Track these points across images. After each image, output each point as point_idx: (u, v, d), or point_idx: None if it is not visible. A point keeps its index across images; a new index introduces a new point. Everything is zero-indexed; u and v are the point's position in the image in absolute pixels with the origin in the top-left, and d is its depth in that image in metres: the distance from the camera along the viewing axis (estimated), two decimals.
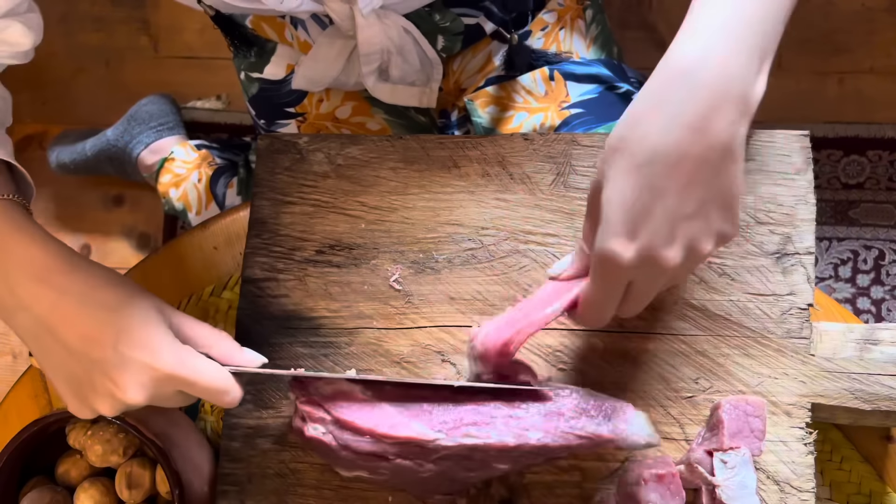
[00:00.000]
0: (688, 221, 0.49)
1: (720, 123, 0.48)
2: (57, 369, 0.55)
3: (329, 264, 0.68)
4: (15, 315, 0.55)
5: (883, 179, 1.37)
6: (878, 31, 1.43)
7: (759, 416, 0.60)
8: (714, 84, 0.49)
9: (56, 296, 0.54)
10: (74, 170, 1.47)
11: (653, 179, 0.49)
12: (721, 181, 0.49)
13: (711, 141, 0.48)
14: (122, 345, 0.53)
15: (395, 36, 0.77)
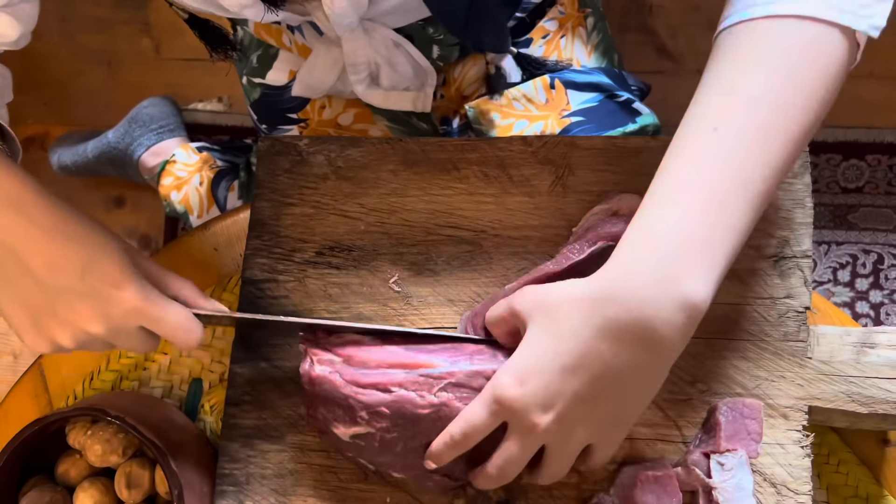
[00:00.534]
0: (574, 405, 0.51)
1: (635, 349, 0.49)
2: (18, 299, 0.55)
3: (328, 266, 0.69)
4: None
5: (882, 184, 1.37)
6: (879, 36, 1.43)
7: (755, 419, 0.60)
8: (645, 309, 0.48)
9: (26, 224, 0.54)
10: (76, 171, 1.47)
11: (567, 360, 0.50)
12: (619, 400, 0.51)
13: (623, 363, 0.49)
14: (88, 275, 0.54)
15: (383, 49, 0.77)
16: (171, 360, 0.76)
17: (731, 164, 0.48)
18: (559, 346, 0.50)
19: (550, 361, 0.50)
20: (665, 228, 0.49)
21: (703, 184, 0.48)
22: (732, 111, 0.49)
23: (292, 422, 0.66)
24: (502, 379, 0.52)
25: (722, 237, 0.48)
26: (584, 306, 0.50)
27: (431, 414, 0.58)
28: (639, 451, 0.63)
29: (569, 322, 0.50)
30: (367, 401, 0.59)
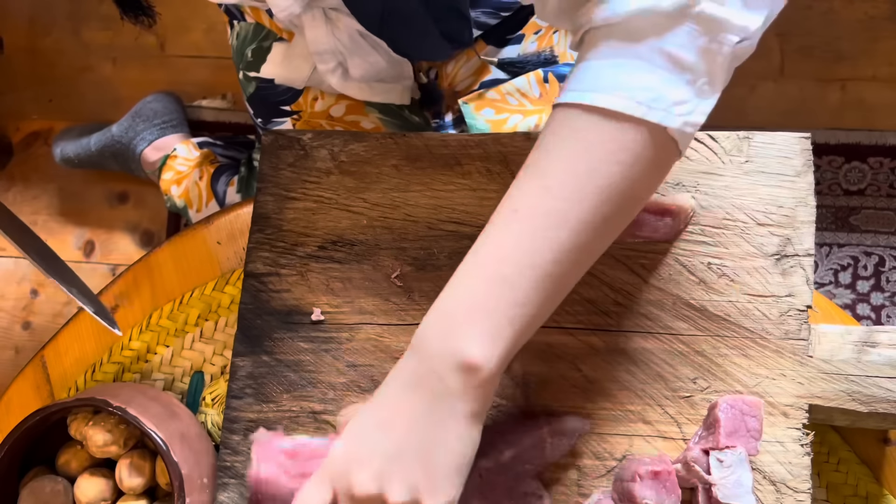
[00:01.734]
0: (389, 461, 0.50)
1: (433, 402, 0.51)
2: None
3: (331, 260, 0.69)
4: None
5: (884, 186, 1.37)
6: (881, 38, 1.43)
7: (755, 416, 0.60)
8: (434, 363, 0.51)
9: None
10: (78, 164, 1.47)
11: (380, 415, 0.52)
12: (428, 454, 0.51)
13: (426, 416, 0.51)
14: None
15: (346, 39, 0.77)
16: (173, 353, 0.76)
17: (521, 245, 0.50)
18: (375, 407, 0.53)
19: (367, 421, 0.52)
20: (459, 295, 0.52)
21: (494, 260, 0.51)
22: (531, 195, 0.50)
23: (293, 415, 0.66)
24: (331, 449, 0.53)
25: (506, 310, 0.50)
26: (395, 368, 0.53)
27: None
28: (638, 447, 0.63)
29: (384, 386, 0.53)
30: None
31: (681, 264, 0.66)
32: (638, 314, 0.65)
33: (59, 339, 0.78)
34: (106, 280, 1.43)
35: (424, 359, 0.51)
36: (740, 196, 0.66)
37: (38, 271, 0.58)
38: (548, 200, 0.49)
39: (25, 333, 1.51)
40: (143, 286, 0.78)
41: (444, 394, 0.50)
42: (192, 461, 0.65)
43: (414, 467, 0.50)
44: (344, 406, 0.66)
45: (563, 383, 0.65)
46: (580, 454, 0.63)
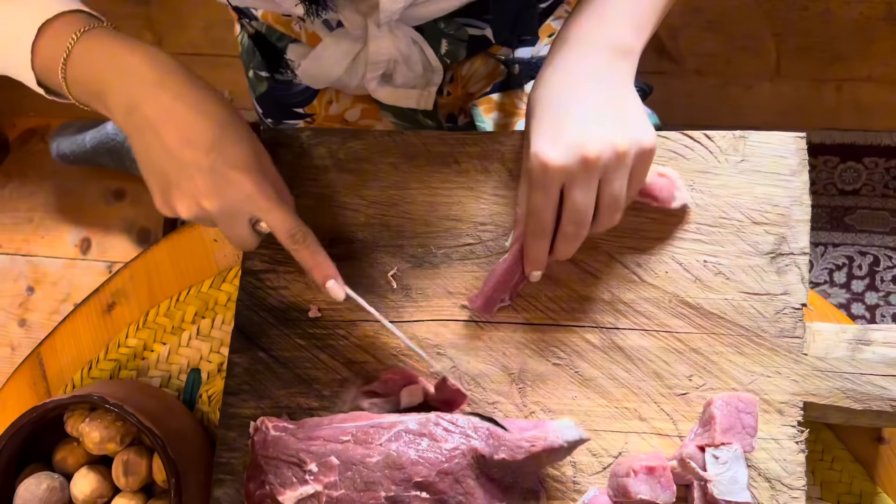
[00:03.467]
0: (597, 126, 0.59)
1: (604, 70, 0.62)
2: (152, 166, 0.59)
3: (329, 257, 0.69)
4: (129, 114, 0.58)
5: (879, 186, 1.37)
6: (877, 39, 1.44)
7: (750, 413, 0.60)
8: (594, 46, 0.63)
9: (168, 98, 0.58)
10: (74, 161, 1.47)
11: (562, 104, 0.61)
12: (617, 98, 0.61)
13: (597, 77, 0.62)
14: (213, 153, 0.57)
15: (404, 46, 0.78)
16: (170, 350, 0.76)
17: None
18: (556, 84, 0.62)
19: (560, 92, 0.62)
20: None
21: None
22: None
23: (290, 412, 0.66)
24: (541, 149, 0.59)
25: (645, 8, 0.64)
26: (548, 65, 0.64)
27: (380, 462, 0.58)
28: (634, 444, 0.63)
29: (549, 73, 0.63)
30: (318, 451, 0.59)
31: (677, 262, 0.66)
32: (634, 311, 0.65)
33: (56, 336, 0.78)
34: (102, 278, 1.42)
35: (584, 46, 0.62)
36: (736, 195, 0.67)
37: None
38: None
39: (21, 330, 1.50)
40: (139, 284, 0.78)
41: (613, 67, 0.61)
42: (188, 458, 0.65)
43: (619, 120, 0.59)
44: (344, 392, 0.66)
45: (559, 381, 0.65)
46: (576, 451, 0.63)
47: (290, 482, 0.59)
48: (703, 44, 1.46)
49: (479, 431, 0.60)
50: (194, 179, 0.58)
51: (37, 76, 0.61)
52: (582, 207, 0.60)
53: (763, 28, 1.45)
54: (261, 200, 0.59)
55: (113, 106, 0.59)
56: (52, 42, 0.60)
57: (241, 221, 0.60)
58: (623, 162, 0.59)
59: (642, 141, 0.59)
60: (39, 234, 1.54)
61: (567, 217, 0.60)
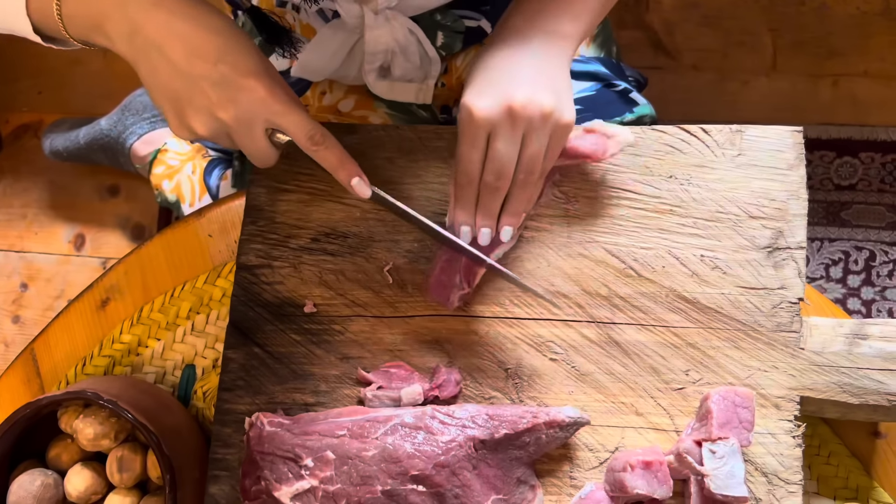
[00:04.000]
0: (526, 86, 0.61)
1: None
2: (162, 88, 0.59)
3: (324, 252, 0.69)
4: (132, 38, 0.58)
5: (875, 181, 1.37)
6: (873, 34, 1.44)
7: (747, 407, 0.60)
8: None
9: (167, 16, 0.57)
10: (67, 157, 1.46)
11: (496, 68, 0.63)
12: (549, 72, 0.63)
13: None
14: (221, 63, 0.57)
15: (401, 37, 0.78)
16: (165, 346, 0.76)
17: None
18: (492, 60, 0.65)
19: (496, 63, 0.64)
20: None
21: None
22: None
23: (285, 408, 0.66)
24: (469, 100, 0.61)
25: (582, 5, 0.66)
26: (486, 50, 0.66)
27: (377, 456, 0.58)
28: (631, 439, 0.63)
29: (488, 53, 0.65)
30: (314, 446, 0.59)
31: (673, 256, 0.66)
32: (630, 306, 0.65)
33: (49, 332, 0.78)
34: (96, 274, 1.42)
35: (522, 30, 0.64)
36: (733, 189, 0.67)
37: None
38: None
39: (15, 327, 1.50)
40: (134, 279, 0.78)
41: (548, 47, 0.64)
42: (183, 454, 0.65)
43: (548, 87, 0.61)
44: (336, 393, 0.66)
45: (555, 375, 0.65)
46: (573, 446, 0.63)
47: (286, 477, 0.59)
48: (700, 39, 1.45)
49: (477, 419, 0.60)
50: (206, 92, 0.57)
51: (32, 22, 0.60)
52: (504, 157, 0.61)
53: (759, 23, 1.45)
54: (275, 104, 0.58)
55: (113, 34, 0.58)
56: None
57: (258, 130, 0.60)
58: (546, 122, 0.60)
59: (564, 112, 0.61)
60: (33, 231, 1.54)
61: (488, 167, 0.61)
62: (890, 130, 1.39)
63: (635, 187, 0.67)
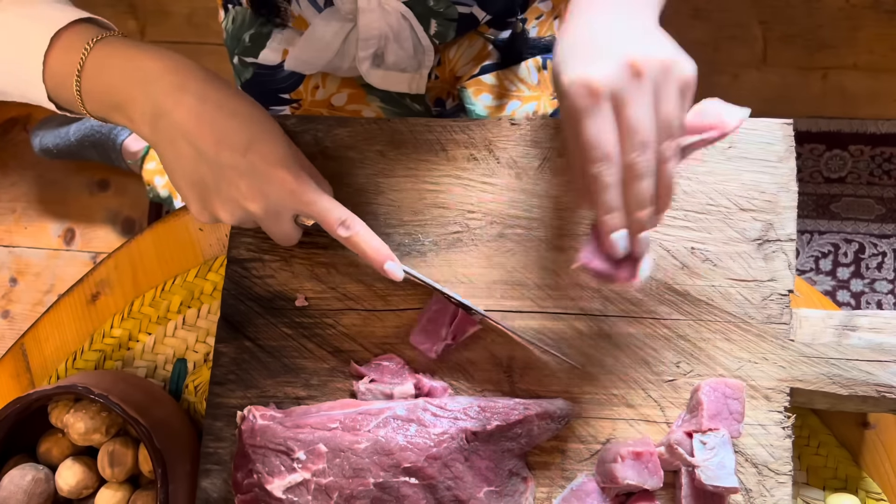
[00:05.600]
0: (635, 44, 0.51)
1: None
2: (186, 174, 0.58)
3: (315, 245, 0.68)
4: (155, 122, 0.57)
5: (864, 174, 1.38)
6: (862, 27, 1.44)
7: (737, 399, 0.61)
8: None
9: (195, 101, 0.56)
10: (58, 154, 1.45)
11: (589, 41, 0.53)
12: (649, 30, 0.54)
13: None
14: (250, 153, 0.56)
15: (394, 22, 0.77)
16: (156, 340, 0.75)
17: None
18: (577, 27, 0.56)
19: (582, 31, 0.55)
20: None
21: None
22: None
23: (277, 401, 0.66)
24: (577, 73, 0.51)
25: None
26: (564, 29, 0.57)
27: (369, 448, 0.58)
28: (622, 431, 0.63)
29: (569, 25, 0.57)
30: (306, 438, 0.59)
31: (664, 249, 0.66)
32: (621, 299, 0.65)
33: (39, 327, 0.77)
34: (86, 268, 1.41)
35: (597, 5, 0.55)
36: (723, 181, 0.67)
37: None
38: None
39: (4, 322, 1.49)
40: (124, 273, 0.77)
41: (634, 9, 0.54)
42: (175, 448, 0.65)
43: (657, 38, 0.52)
44: (331, 389, 0.66)
45: (547, 368, 0.65)
46: (564, 438, 0.63)
47: (279, 470, 0.59)
48: (690, 32, 1.46)
49: (469, 411, 0.60)
50: (235, 182, 0.56)
51: (48, 90, 0.59)
52: (645, 124, 0.49)
53: (750, 16, 1.45)
54: (305, 194, 0.58)
55: (136, 116, 0.57)
56: (64, 53, 0.58)
57: (286, 218, 0.59)
58: (671, 75, 0.50)
59: (686, 61, 0.51)
60: (22, 225, 1.53)
61: (627, 144, 0.50)
62: (879, 123, 1.40)
63: None
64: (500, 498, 0.60)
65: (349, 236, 0.60)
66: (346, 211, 0.60)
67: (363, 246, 0.60)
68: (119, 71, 0.57)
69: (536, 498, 0.63)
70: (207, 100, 0.56)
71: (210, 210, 0.59)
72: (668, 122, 0.50)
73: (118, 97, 0.57)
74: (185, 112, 0.56)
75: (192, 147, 0.56)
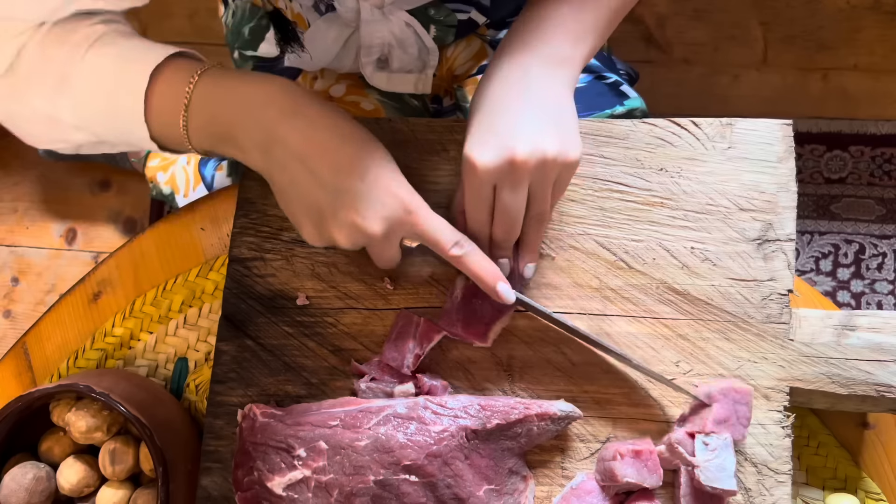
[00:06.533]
0: (528, 131, 0.58)
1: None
2: (301, 199, 0.58)
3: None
4: (270, 150, 0.56)
5: (864, 175, 1.38)
6: (863, 28, 1.44)
7: (745, 404, 0.61)
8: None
9: (309, 127, 0.56)
10: (61, 155, 1.45)
11: (495, 109, 0.59)
12: (551, 106, 0.60)
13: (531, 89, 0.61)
14: (369, 176, 0.57)
15: (398, 30, 0.78)
16: (157, 339, 0.76)
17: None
18: (489, 97, 0.61)
19: (493, 106, 0.60)
20: (544, 15, 0.62)
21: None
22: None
23: (278, 399, 0.66)
24: (472, 152, 0.58)
25: (585, 24, 0.62)
26: (486, 77, 0.63)
27: (369, 446, 0.58)
28: (622, 429, 0.63)
29: (485, 86, 0.62)
30: (306, 436, 0.59)
31: (664, 248, 0.66)
32: (622, 298, 0.66)
33: (41, 326, 0.78)
34: (88, 268, 1.41)
35: (521, 55, 0.60)
36: (723, 181, 0.67)
37: None
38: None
39: (6, 322, 1.49)
40: (126, 273, 0.78)
41: (547, 76, 0.60)
42: (175, 447, 0.65)
43: (550, 127, 0.58)
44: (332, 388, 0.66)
45: (547, 367, 0.65)
46: (564, 437, 0.64)
47: (279, 468, 0.59)
48: (691, 32, 1.46)
49: (470, 409, 0.60)
50: (353, 206, 0.56)
51: (151, 130, 0.58)
52: (511, 209, 0.59)
53: (750, 17, 1.45)
54: (419, 217, 0.58)
55: (247, 144, 0.57)
56: (167, 88, 0.57)
57: (396, 240, 0.60)
58: (552, 168, 0.58)
59: (569, 152, 0.58)
60: (24, 225, 1.53)
61: (497, 220, 0.60)
62: (879, 124, 1.40)
63: (626, 180, 0.68)
64: (500, 496, 0.60)
65: (462, 255, 0.59)
66: (458, 232, 0.60)
67: (475, 267, 0.60)
68: (226, 101, 0.56)
69: (536, 496, 0.63)
70: (320, 125, 0.56)
71: (326, 235, 0.59)
72: (540, 203, 0.60)
73: (228, 129, 0.57)
74: (299, 137, 0.56)
75: (308, 172, 0.56)
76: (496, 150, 0.57)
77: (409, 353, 0.64)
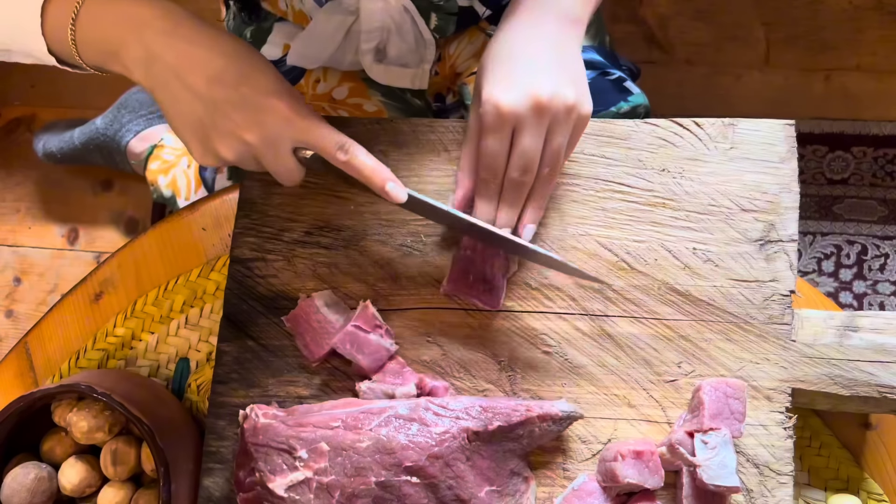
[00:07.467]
0: (548, 78, 0.60)
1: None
2: (183, 115, 0.59)
3: (317, 245, 0.69)
4: (149, 66, 0.58)
5: (867, 175, 1.38)
6: (865, 29, 1.44)
7: (738, 398, 0.61)
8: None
9: (185, 45, 0.57)
10: (61, 159, 1.45)
11: (514, 57, 0.62)
12: (567, 60, 0.62)
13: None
14: (243, 86, 0.57)
15: (396, 14, 0.78)
16: (158, 339, 0.76)
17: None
18: (505, 44, 0.64)
19: (509, 51, 0.63)
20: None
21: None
22: None
23: (279, 400, 0.66)
24: (493, 93, 0.60)
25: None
26: (500, 33, 0.65)
27: (371, 447, 0.58)
28: (623, 431, 0.63)
29: (500, 37, 0.64)
30: (308, 437, 0.59)
31: (666, 249, 0.66)
32: (623, 299, 0.65)
33: (43, 326, 0.78)
34: (90, 268, 1.41)
35: (535, 12, 0.63)
36: (725, 182, 0.67)
37: None
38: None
39: (8, 322, 1.49)
40: (127, 273, 0.78)
41: (561, 31, 0.63)
42: (177, 447, 0.65)
43: (568, 78, 0.61)
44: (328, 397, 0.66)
45: (548, 368, 0.65)
46: (566, 438, 0.64)
47: (281, 469, 0.59)
48: (693, 33, 1.46)
49: (471, 410, 0.60)
50: (230, 115, 0.57)
51: (48, 43, 0.60)
52: (530, 152, 0.60)
53: (752, 17, 1.45)
54: (300, 121, 0.59)
55: (130, 62, 0.58)
56: (59, 5, 0.58)
57: (284, 149, 0.60)
58: (570, 116, 0.60)
59: (585, 104, 0.61)
60: (26, 225, 1.53)
61: (514, 162, 0.61)
62: (882, 125, 1.39)
63: (628, 181, 0.68)
64: (502, 497, 0.60)
65: (348, 160, 0.60)
66: (343, 136, 0.60)
67: (362, 168, 0.61)
68: (112, 18, 0.58)
69: (538, 497, 0.63)
70: (196, 41, 0.58)
71: (211, 149, 0.59)
72: (556, 152, 0.61)
73: (112, 45, 0.58)
74: (174, 53, 0.57)
75: (186, 87, 0.57)
76: (521, 91, 0.59)
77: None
